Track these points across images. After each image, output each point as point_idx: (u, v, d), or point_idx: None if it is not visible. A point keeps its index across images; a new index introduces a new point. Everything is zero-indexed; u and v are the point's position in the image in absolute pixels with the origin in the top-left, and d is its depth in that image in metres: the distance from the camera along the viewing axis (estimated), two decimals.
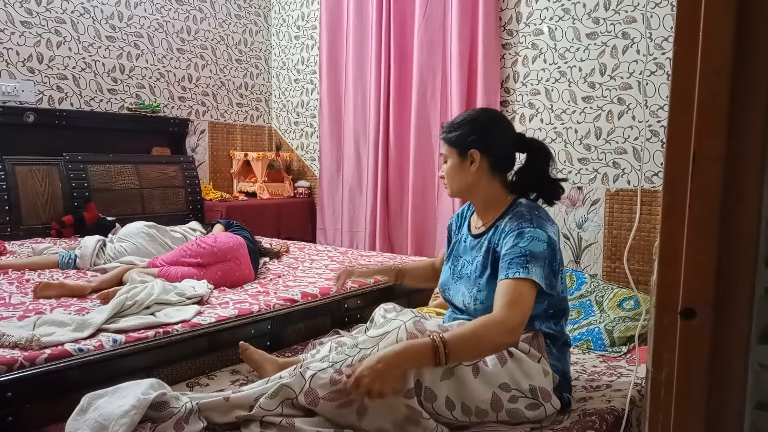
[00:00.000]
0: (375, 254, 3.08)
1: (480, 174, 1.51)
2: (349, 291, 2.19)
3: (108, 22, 3.81)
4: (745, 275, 0.64)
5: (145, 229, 2.70)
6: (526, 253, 1.36)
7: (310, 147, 4.64)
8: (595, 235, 3.13)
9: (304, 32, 4.61)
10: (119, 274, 2.17)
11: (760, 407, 0.66)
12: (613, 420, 1.42)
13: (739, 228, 0.64)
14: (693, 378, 0.67)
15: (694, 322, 0.66)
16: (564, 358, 1.51)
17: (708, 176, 0.65)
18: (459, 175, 1.53)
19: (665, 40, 2.84)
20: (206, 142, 4.45)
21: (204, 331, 1.70)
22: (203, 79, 4.40)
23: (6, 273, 2.34)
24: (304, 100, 4.64)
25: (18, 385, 1.32)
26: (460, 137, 1.52)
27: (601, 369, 1.87)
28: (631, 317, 2.31)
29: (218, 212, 3.86)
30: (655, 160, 2.90)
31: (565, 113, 3.24)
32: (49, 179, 3.36)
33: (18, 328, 1.53)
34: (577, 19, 3.15)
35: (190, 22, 4.29)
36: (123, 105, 3.90)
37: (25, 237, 3.16)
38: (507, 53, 3.45)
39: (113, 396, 1.24)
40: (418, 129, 3.70)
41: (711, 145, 0.64)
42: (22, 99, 3.42)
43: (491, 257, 1.46)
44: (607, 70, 3.07)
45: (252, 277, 2.35)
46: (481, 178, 1.52)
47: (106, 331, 1.59)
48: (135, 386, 1.27)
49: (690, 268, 0.66)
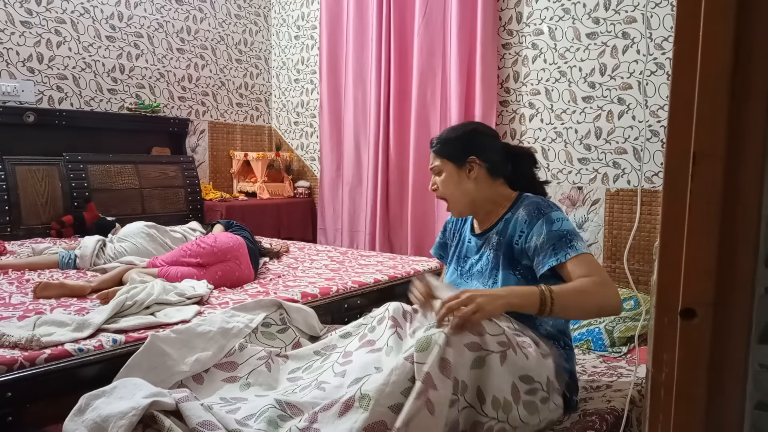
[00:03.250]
0: (375, 254, 3.08)
1: (480, 180, 1.53)
2: (349, 291, 2.19)
3: (108, 22, 3.81)
4: (745, 275, 0.64)
5: (145, 229, 2.70)
6: (564, 233, 1.39)
7: (310, 147, 4.64)
8: (595, 235, 3.13)
9: (304, 32, 4.61)
10: (119, 274, 2.17)
11: (760, 407, 0.66)
12: (613, 420, 1.42)
13: (739, 228, 0.64)
14: (693, 378, 0.67)
15: (694, 322, 0.66)
16: (571, 359, 1.51)
17: (708, 176, 0.65)
18: (458, 183, 1.55)
19: (665, 40, 2.84)
20: (206, 142, 4.45)
21: None
22: (203, 79, 4.40)
23: (6, 273, 2.34)
24: (304, 100, 4.64)
25: (18, 385, 1.32)
26: (455, 147, 1.55)
27: (601, 369, 1.87)
28: (631, 317, 2.31)
29: (218, 212, 3.86)
30: (655, 160, 2.90)
31: (565, 113, 3.24)
32: (49, 179, 3.36)
33: (18, 328, 1.53)
34: (577, 19, 3.15)
35: (190, 22, 4.29)
36: (123, 105, 3.90)
37: (25, 237, 3.17)
38: (507, 53, 3.45)
39: (111, 396, 1.24)
40: (418, 129, 3.70)
41: (711, 145, 0.64)
42: (22, 99, 3.42)
43: (504, 248, 1.47)
44: (607, 70, 3.07)
45: (252, 277, 2.35)
46: (481, 184, 1.54)
47: (106, 331, 1.59)
48: (132, 386, 1.26)
49: (690, 268, 0.66)
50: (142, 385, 1.27)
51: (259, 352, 1.50)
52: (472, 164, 1.53)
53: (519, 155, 1.61)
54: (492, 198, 1.56)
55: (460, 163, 1.54)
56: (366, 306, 2.19)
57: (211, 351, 1.46)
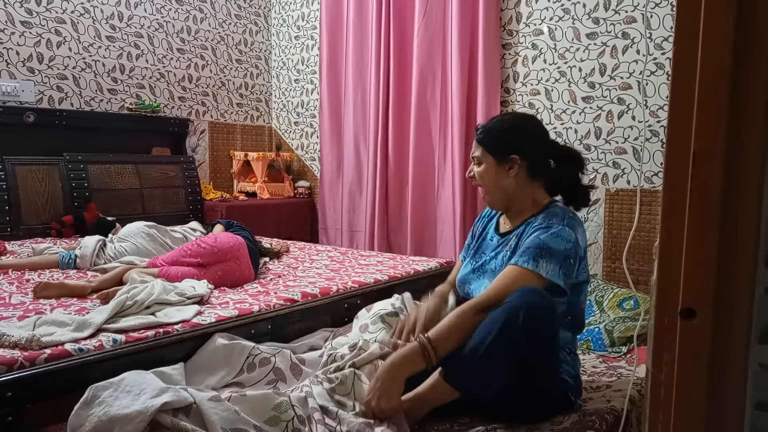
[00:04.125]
0: (375, 254, 3.08)
1: (518, 179, 1.50)
2: (349, 291, 2.19)
3: (108, 22, 3.81)
4: (745, 275, 0.64)
5: (146, 229, 2.70)
6: (542, 246, 1.37)
7: (310, 147, 4.64)
8: (595, 235, 3.13)
9: (304, 32, 4.61)
10: (119, 274, 2.17)
11: (760, 407, 0.66)
12: (612, 420, 1.42)
13: (739, 228, 0.64)
14: (693, 378, 0.67)
15: (694, 322, 0.66)
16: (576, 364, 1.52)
17: (708, 176, 0.65)
18: (497, 178, 1.52)
19: (665, 40, 2.84)
20: (206, 142, 4.45)
21: (204, 331, 1.70)
22: (203, 79, 4.40)
23: (6, 273, 2.34)
24: (304, 100, 4.64)
25: (18, 385, 1.31)
26: (498, 142, 1.51)
27: (601, 369, 1.87)
28: (630, 317, 2.31)
29: (218, 212, 3.86)
30: (655, 160, 2.90)
31: (565, 113, 3.24)
32: (49, 179, 3.36)
33: (18, 328, 1.53)
34: (577, 19, 3.15)
35: (190, 22, 4.29)
36: (123, 105, 3.90)
37: (25, 237, 3.16)
38: (507, 53, 3.45)
39: (118, 390, 1.23)
40: (418, 129, 3.70)
41: (711, 145, 0.64)
42: (22, 99, 3.42)
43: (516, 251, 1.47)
44: (607, 70, 3.07)
45: (252, 277, 2.35)
46: (519, 183, 1.51)
47: (106, 331, 1.59)
48: (141, 380, 1.25)
49: (690, 268, 0.66)
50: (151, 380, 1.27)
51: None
52: (513, 162, 1.49)
53: (565, 157, 1.56)
54: (527, 199, 1.53)
55: (500, 158, 1.51)
56: (366, 306, 2.18)
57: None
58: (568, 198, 1.58)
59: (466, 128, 3.51)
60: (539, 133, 1.56)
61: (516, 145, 1.50)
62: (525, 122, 1.58)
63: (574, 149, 1.59)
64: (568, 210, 1.50)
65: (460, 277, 1.65)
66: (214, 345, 1.62)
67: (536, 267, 1.34)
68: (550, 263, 1.35)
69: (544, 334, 1.27)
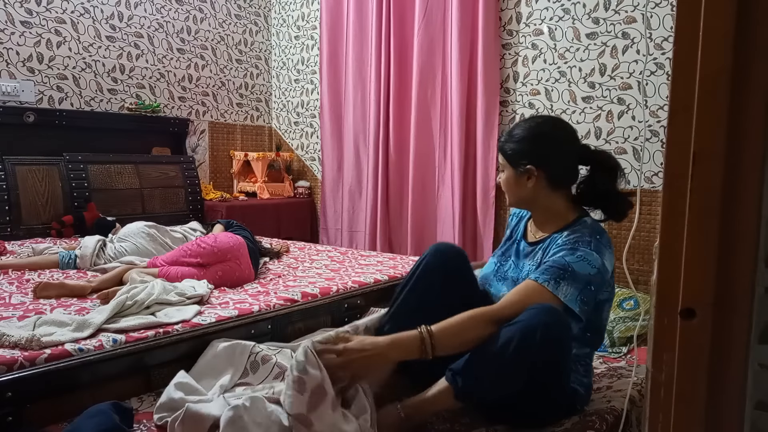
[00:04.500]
0: (375, 254, 3.08)
1: (537, 189, 1.44)
2: (349, 291, 2.19)
3: (108, 22, 3.81)
4: (745, 275, 0.64)
5: (146, 229, 2.70)
6: (567, 268, 1.31)
7: (310, 147, 4.64)
8: None
9: (304, 32, 4.61)
10: (119, 274, 2.17)
11: (760, 407, 0.66)
12: (612, 420, 1.42)
13: (739, 228, 0.64)
14: (693, 378, 0.67)
15: (694, 322, 0.66)
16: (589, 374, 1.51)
17: (708, 176, 0.65)
18: (515, 188, 1.47)
19: (665, 40, 2.84)
20: (206, 142, 4.45)
21: (204, 331, 1.70)
22: (203, 79, 4.40)
23: (6, 273, 2.34)
24: (304, 100, 4.64)
25: (18, 385, 1.31)
26: (516, 151, 1.45)
27: (601, 369, 1.87)
28: (630, 317, 2.31)
29: (218, 212, 3.86)
30: (655, 160, 2.90)
31: (565, 113, 3.23)
32: (49, 179, 3.36)
33: (18, 328, 1.53)
34: (577, 19, 3.15)
35: (190, 22, 4.29)
36: (123, 105, 3.90)
37: (25, 237, 3.16)
38: (507, 53, 3.45)
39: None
40: (418, 129, 3.70)
41: (711, 145, 0.64)
42: (22, 99, 3.42)
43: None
44: (607, 70, 3.07)
45: (252, 277, 2.35)
46: (539, 193, 1.45)
47: (106, 331, 1.59)
48: None
49: (690, 268, 0.66)
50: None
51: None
52: (530, 173, 1.43)
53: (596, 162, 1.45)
54: (551, 208, 1.47)
55: (518, 168, 1.45)
56: (366, 306, 2.19)
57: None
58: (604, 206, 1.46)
59: (466, 128, 3.51)
60: (565, 138, 1.47)
61: (535, 154, 1.43)
62: (548, 128, 1.48)
63: (606, 153, 1.47)
64: (598, 230, 1.40)
65: (484, 273, 1.60)
66: (215, 350, 1.63)
67: (556, 289, 1.29)
68: (570, 287, 1.30)
69: (559, 355, 1.24)
